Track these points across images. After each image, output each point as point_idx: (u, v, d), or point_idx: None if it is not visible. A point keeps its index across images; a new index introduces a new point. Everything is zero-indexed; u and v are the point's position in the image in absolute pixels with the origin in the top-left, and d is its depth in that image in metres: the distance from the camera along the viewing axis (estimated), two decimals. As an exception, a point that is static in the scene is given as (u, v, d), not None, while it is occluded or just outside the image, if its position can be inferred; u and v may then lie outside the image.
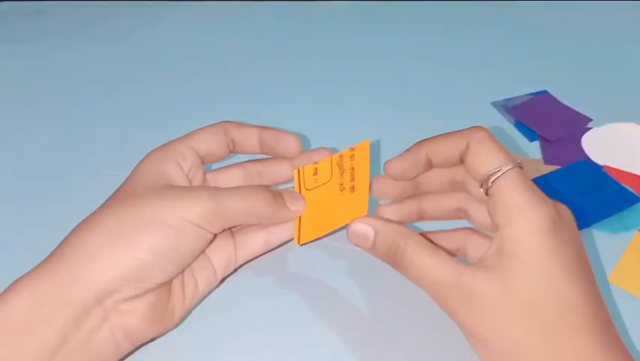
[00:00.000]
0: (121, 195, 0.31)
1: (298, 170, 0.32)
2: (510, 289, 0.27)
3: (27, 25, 0.65)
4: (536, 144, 0.48)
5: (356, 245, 0.32)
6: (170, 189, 0.31)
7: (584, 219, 0.41)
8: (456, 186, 0.34)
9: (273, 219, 0.32)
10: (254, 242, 0.36)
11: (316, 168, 0.32)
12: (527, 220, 0.27)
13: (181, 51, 0.60)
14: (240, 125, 0.36)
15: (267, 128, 0.35)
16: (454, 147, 0.31)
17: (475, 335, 0.28)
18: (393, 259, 0.30)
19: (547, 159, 0.46)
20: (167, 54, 0.60)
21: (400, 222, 0.31)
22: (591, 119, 0.50)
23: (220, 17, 0.66)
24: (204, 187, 0.31)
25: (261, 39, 0.62)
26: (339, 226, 0.35)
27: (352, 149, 0.32)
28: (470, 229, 0.35)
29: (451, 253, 0.34)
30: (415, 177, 0.34)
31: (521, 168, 0.29)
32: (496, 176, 0.29)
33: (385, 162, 0.33)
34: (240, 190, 0.31)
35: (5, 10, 0.67)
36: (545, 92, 0.53)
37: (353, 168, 0.33)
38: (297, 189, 0.32)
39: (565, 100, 0.52)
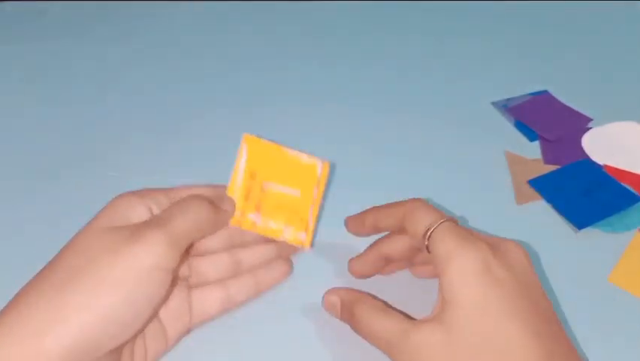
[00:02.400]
0: (74, 248, 0.29)
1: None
2: (453, 336, 0.27)
3: (28, 26, 0.65)
4: (536, 143, 0.48)
5: (329, 312, 0.34)
6: (118, 232, 0.28)
7: (585, 219, 0.41)
8: (415, 252, 0.36)
9: (216, 227, 0.33)
10: (211, 299, 0.34)
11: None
12: (458, 266, 0.28)
13: (181, 51, 0.60)
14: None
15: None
16: (394, 216, 0.33)
17: None
18: (351, 322, 0.32)
19: (547, 159, 0.46)
20: (168, 54, 0.60)
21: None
22: (591, 119, 0.50)
23: (220, 17, 0.66)
24: (152, 222, 0.29)
25: (261, 39, 0.62)
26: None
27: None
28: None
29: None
30: (372, 274, 0.37)
31: (454, 221, 0.31)
32: (430, 232, 0.30)
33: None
34: (184, 210, 0.30)
35: (7, 10, 0.67)
36: (545, 92, 0.53)
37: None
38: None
39: (565, 100, 0.52)
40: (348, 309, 0.32)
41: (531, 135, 0.49)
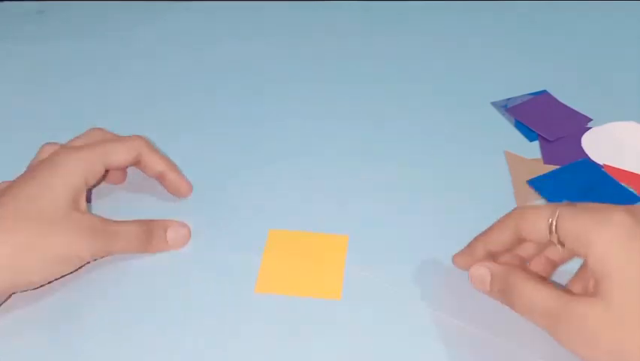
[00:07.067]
0: (38, 211, 0.34)
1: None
2: (614, 311, 0.27)
3: (27, 25, 0.65)
4: (536, 143, 0.48)
5: (477, 288, 0.33)
6: (78, 221, 0.35)
7: (584, 219, 0.41)
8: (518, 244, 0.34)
9: (146, 253, 0.38)
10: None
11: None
12: (600, 237, 0.28)
13: (181, 51, 0.60)
14: (152, 150, 0.40)
15: (174, 167, 0.41)
16: (504, 231, 0.32)
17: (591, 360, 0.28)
18: (505, 293, 0.31)
19: (547, 159, 0.46)
20: (167, 54, 0.60)
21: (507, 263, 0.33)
22: (591, 119, 0.50)
23: (220, 17, 0.66)
24: (103, 229, 0.35)
25: (261, 38, 0.62)
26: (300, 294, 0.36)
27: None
28: None
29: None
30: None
31: (570, 204, 0.30)
32: (554, 224, 0.29)
33: (453, 256, 0.35)
34: (125, 235, 0.36)
35: (6, 9, 0.67)
36: (545, 92, 0.53)
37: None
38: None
39: (565, 100, 0.52)
40: (501, 280, 0.31)
41: (531, 135, 0.49)
